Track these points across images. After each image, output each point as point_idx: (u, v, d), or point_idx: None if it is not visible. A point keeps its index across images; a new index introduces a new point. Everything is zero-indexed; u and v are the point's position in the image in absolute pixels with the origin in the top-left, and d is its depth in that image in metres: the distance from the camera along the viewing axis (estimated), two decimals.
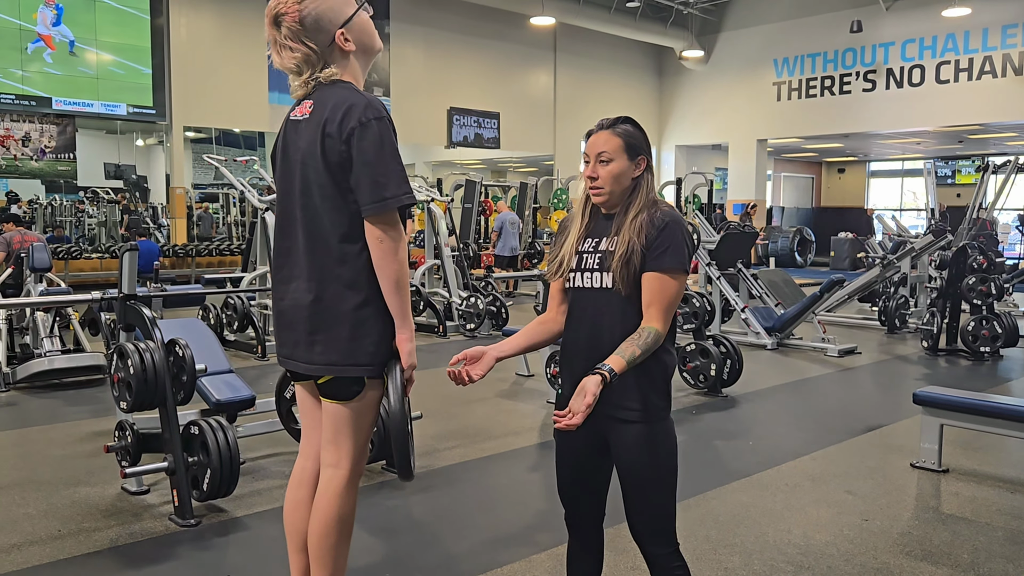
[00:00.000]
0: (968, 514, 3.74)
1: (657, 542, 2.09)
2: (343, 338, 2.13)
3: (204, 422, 3.57)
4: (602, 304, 2.04)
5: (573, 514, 2.22)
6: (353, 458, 2.23)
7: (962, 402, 4.24)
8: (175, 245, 13.51)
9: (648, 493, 2.06)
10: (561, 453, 2.19)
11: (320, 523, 2.22)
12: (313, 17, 2.12)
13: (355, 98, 2.10)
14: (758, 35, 18.72)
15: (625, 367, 1.91)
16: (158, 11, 13.45)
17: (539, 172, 18.74)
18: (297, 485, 2.33)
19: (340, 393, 2.19)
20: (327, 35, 2.14)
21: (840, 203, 25.51)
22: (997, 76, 15.57)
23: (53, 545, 3.25)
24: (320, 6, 2.12)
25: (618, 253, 2.01)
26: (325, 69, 2.15)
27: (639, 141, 2.08)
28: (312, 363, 2.17)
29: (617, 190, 2.06)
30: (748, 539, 3.39)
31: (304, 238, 2.18)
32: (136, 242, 9.80)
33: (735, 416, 5.59)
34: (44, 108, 12.75)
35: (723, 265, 8.39)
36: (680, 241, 2.00)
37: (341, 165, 2.08)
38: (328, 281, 2.14)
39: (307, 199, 2.16)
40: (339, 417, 2.21)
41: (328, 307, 2.14)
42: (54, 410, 5.54)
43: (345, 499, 2.22)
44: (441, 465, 4.34)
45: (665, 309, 1.98)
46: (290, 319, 2.21)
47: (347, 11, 2.16)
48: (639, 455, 2.03)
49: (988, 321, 7.67)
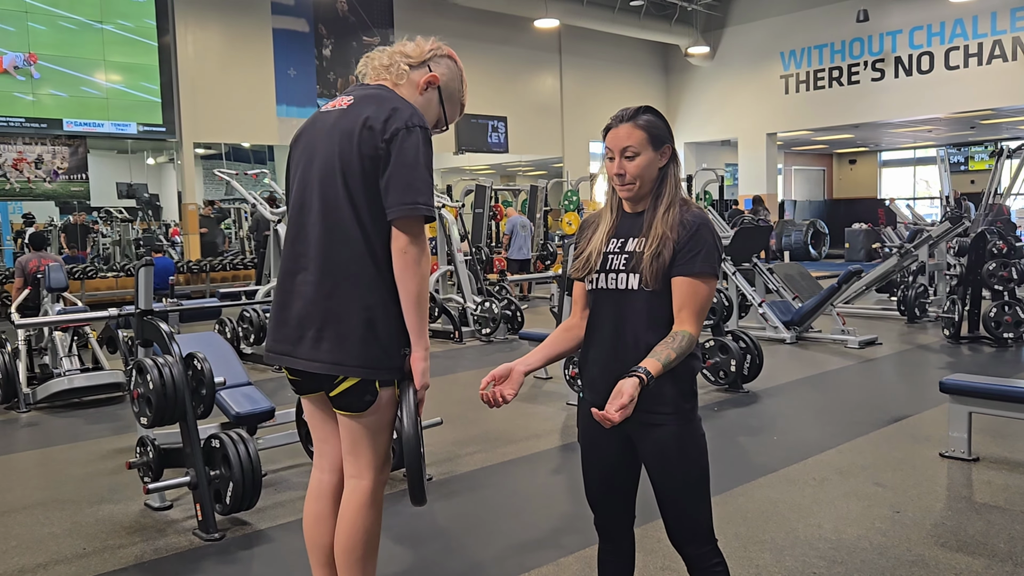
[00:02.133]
0: (1002, 503, 3.67)
1: (692, 542, 2.05)
2: (354, 339, 2.06)
3: (225, 435, 3.56)
4: (626, 306, 1.99)
5: (603, 518, 2.18)
6: (375, 467, 2.18)
7: (990, 389, 4.17)
8: (189, 261, 13.56)
9: (682, 495, 2.02)
10: (587, 458, 2.15)
11: (346, 537, 2.16)
12: (438, 74, 2.25)
13: (402, 103, 2.10)
14: (764, 28, 18.63)
15: (661, 370, 1.87)
16: (164, 29, 13.53)
17: (549, 175, 18.71)
18: (315, 498, 2.28)
19: (353, 404, 2.12)
20: (425, 80, 2.22)
21: (853, 194, 25.33)
22: (1008, 60, 15.42)
23: (79, 563, 3.24)
24: (447, 76, 2.27)
25: (651, 246, 1.96)
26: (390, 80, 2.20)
27: (662, 130, 2.02)
28: (317, 360, 2.08)
29: (646, 183, 2.01)
30: (778, 535, 3.33)
31: (320, 230, 2.11)
32: (151, 258, 9.84)
33: (758, 411, 5.53)
34: (55, 130, 12.84)
35: (738, 260, 8.33)
36: (712, 245, 1.97)
37: (374, 160, 2.04)
38: (342, 278, 2.07)
39: (329, 189, 2.09)
40: (354, 428, 2.15)
41: (340, 304, 2.07)
42: (75, 429, 5.55)
43: (370, 511, 2.17)
44: (463, 471, 4.31)
45: (698, 313, 1.95)
46: (294, 314, 2.12)
47: (456, 92, 2.30)
48: (670, 458, 1.99)
49: (1010, 306, 7.57)
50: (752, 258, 8.59)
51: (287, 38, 14.75)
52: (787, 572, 3.00)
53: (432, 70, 2.23)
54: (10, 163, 12.70)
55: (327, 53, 15.22)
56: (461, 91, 2.32)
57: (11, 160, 12.70)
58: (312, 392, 2.21)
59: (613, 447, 2.08)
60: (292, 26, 14.81)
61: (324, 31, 15.16)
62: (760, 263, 8.78)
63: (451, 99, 2.29)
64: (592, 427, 2.09)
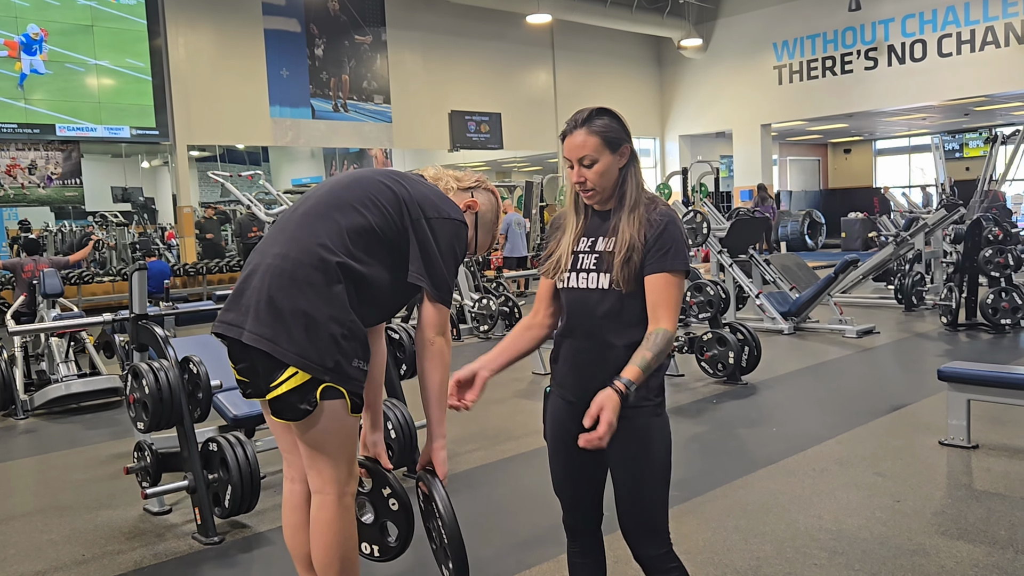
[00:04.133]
0: (1002, 489, 3.66)
1: (649, 542, 2.04)
2: (298, 327, 2.02)
3: (222, 438, 3.54)
4: (597, 305, 1.99)
5: (571, 515, 2.18)
6: (337, 480, 2.14)
7: (989, 376, 4.16)
8: (186, 264, 13.54)
9: (641, 489, 2.01)
10: (554, 452, 2.15)
11: (321, 554, 2.15)
12: (479, 201, 2.36)
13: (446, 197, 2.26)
14: (756, 19, 18.60)
15: (641, 375, 1.88)
16: (156, 32, 13.48)
17: (544, 170, 18.69)
18: (291, 509, 2.28)
19: (286, 412, 2.06)
20: (466, 203, 2.32)
21: (848, 184, 25.32)
22: (1000, 46, 15.40)
23: (78, 570, 3.23)
24: (485, 207, 2.38)
25: (619, 252, 1.96)
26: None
27: (617, 132, 1.99)
28: (256, 334, 2.02)
29: (608, 186, 2.00)
30: (779, 527, 3.33)
31: (308, 209, 2.15)
32: (145, 262, 9.80)
33: (756, 403, 5.53)
34: (48, 135, 12.80)
35: (735, 252, 8.33)
36: (680, 241, 1.98)
37: (400, 220, 2.15)
38: (302, 280, 2.05)
39: (345, 191, 2.18)
40: (303, 442, 2.11)
41: (296, 288, 2.04)
42: (73, 435, 5.54)
43: (340, 524, 2.14)
44: (463, 469, 4.30)
45: (672, 309, 1.96)
46: (251, 284, 2.09)
47: (491, 223, 2.42)
48: (633, 450, 1.99)
49: (1007, 293, 7.58)
50: (749, 250, 8.58)
51: (279, 38, 14.71)
52: (788, 563, 2.99)
53: (474, 196, 2.35)
54: (3, 169, 12.67)
55: (319, 53, 15.19)
56: (495, 223, 2.43)
57: (4, 166, 12.66)
58: (258, 396, 2.15)
59: (577, 437, 2.08)
60: (284, 26, 14.77)
61: (316, 31, 15.12)
62: (757, 255, 8.78)
63: (485, 227, 2.39)
64: (558, 421, 2.11)
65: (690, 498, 3.63)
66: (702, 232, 8.02)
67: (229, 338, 2.11)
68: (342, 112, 15.50)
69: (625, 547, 2.07)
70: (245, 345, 2.07)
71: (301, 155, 21.14)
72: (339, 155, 20.72)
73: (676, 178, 17.24)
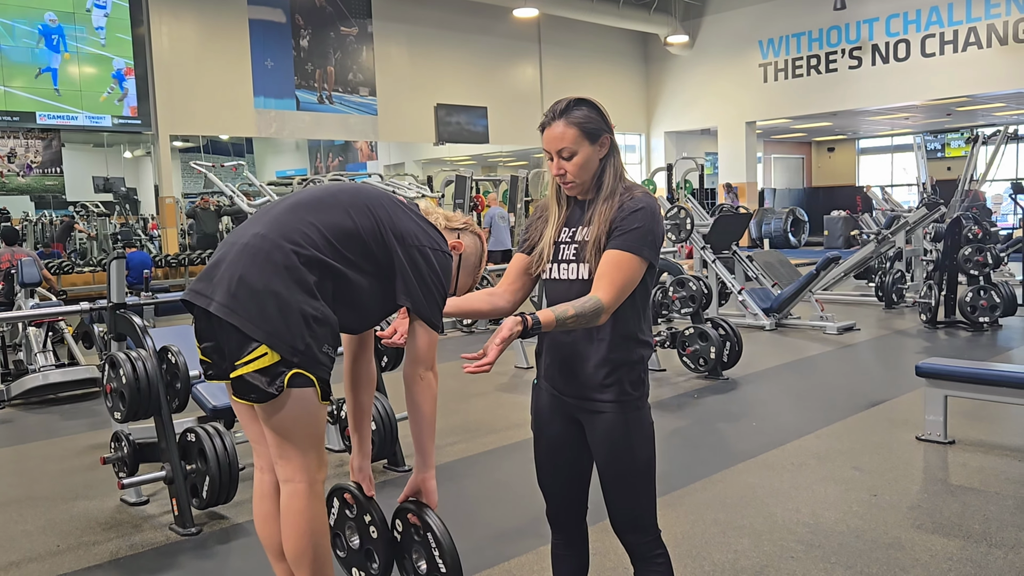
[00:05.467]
0: (977, 484, 3.70)
1: (637, 531, 2.05)
2: (270, 306, 1.98)
3: (201, 429, 3.52)
4: (578, 295, 1.95)
5: (554, 507, 2.17)
6: (306, 469, 2.11)
7: (965, 372, 4.21)
8: (167, 255, 13.42)
9: (626, 483, 2.02)
10: (539, 444, 2.15)
11: (293, 544, 2.13)
12: (464, 243, 2.36)
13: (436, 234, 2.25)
14: (742, 17, 18.65)
15: (552, 322, 1.82)
16: (139, 21, 13.33)
17: (529, 165, 18.67)
18: (260, 498, 2.26)
19: (250, 392, 2.02)
20: (452, 243, 2.29)
21: (831, 182, 25.48)
22: (982, 47, 15.52)
23: (52, 561, 3.20)
24: (469, 250, 2.37)
25: (592, 240, 1.95)
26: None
27: (596, 122, 1.96)
28: (225, 306, 1.98)
29: (588, 177, 1.99)
30: (757, 520, 3.35)
31: (299, 200, 2.16)
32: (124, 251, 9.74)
33: (737, 398, 5.55)
34: (28, 123, 12.64)
35: (718, 248, 8.36)
36: (647, 229, 1.92)
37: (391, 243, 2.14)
38: (287, 251, 2.02)
39: (341, 193, 2.18)
40: (274, 428, 2.08)
41: (272, 268, 2.00)
42: (50, 425, 5.49)
43: (311, 513, 2.12)
44: (444, 461, 4.30)
45: (616, 284, 1.88)
46: (226, 259, 2.06)
47: (473, 267, 2.39)
48: (616, 445, 1.99)
49: (986, 291, 7.65)
50: (732, 246, 8.62)
51: (264, 29, 14.59)
52: (765, 557, 3.01)
53: (460, 238, 2.34)
54: None
55: (305, 44, 15.08)
56: (478, 268, 2.41)
57: None
58: (220, 378, 2.11)
59: (563, 433, 2.08)
60: (269, 16, 14.64)
61: (301, 21, 15.01)
62: (739, 251, 8.82)
63: (467, 270, 2.37)
64: (543, 414, 2.11)
65: (670, 491, 3.65)
66: (686, 228, 8.05)
67: (197, 313, 2.07)
68: (327, 104, 15.41)
69: (607, 539, 2.08)
70: (213, 322, 2.03)
71: (286, 147, 21.01)
72: (324, 147, 20.61)
73: (661, 174, 17.28)
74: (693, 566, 2.95)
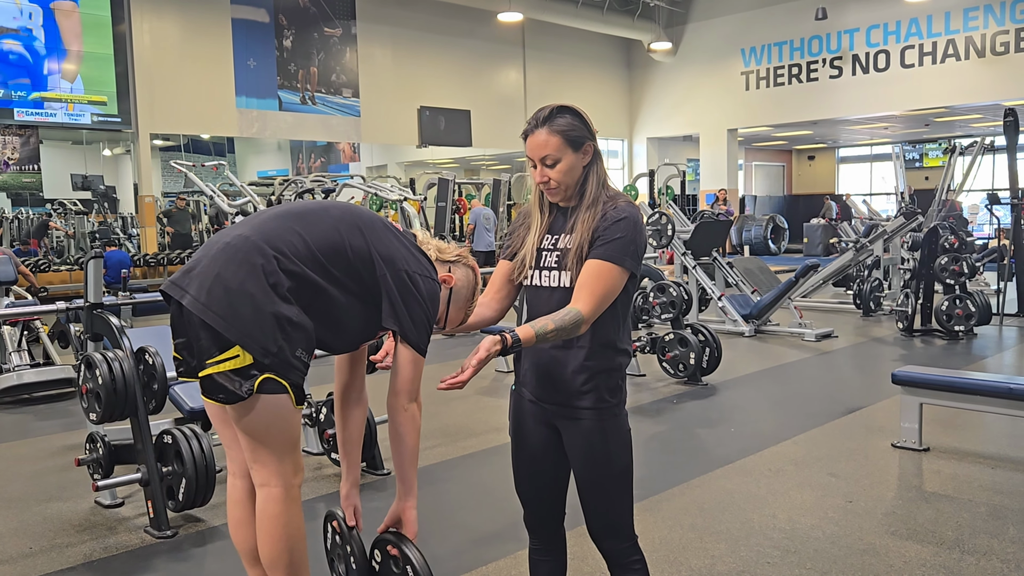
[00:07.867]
0: (951, 491, 3.75)
1: (614, 538, 2.06)
2: (244, 306, 1.96)
3: (178, 431, 3.48)
4: (559, 303, 1.95)
5: (532, 513, 2.17)
6: (282, 474, 2.09)
7: (940, 380, 4.26)
8: (146, 254, 13.30)
9: (603, 490, 2.02)
10: (517, 450, 2.14)
11: (269, 550, 2.11)
12: (455, 277, 2.27)
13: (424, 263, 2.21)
14: (725, 25, 18.79)
15: (532, 338, 1.82)
16: (119, 17, 13.21)
17: (512, 169, 18.69)
18: (234, 504, 2.25)
19: (219, 392, 1.99)
20: (442, 277, 2.24)
21: (811, 190, 25.70)
22: (961, 59, 15.73)
23: (24, 563, 3.16)
24: (461, 283, 2.27)
25: (573, 248, 1.95)
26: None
27: (580, 130, 1.96)
28: (199, 302, 1.96)
29: (571, 184, 1.99)
30: (734, 525, 3.37)
31: (290, 210, 2.15)
32: (102, 250, 9.62)
33: (716, 403, 5.58)
34: (5, 119, 12.49)
35: (698, 254, 8.40)
36: (630, 239, 1.92)
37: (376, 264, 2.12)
38: (267, 256, 2.00)
39: (335, 209, 2.17)
40: (247, 432, 2.06)
41: (249, 268, 1.98)
42: (24, 425, 5.42)
43: (287, 518, 2.10)
44: (423, 465, 4.28)
45: (597, 295, 1.88)
46: (207, 255, 2.04)
47: (464, 300, 2.28)
48: (593, 452, 2.00)
49: (961, 300, 7.75)
50: (712, 252, 8.67)
51: (247, 28, 14.52)
52: (742, 562, 3.03)
53: (452, 271, 2.27)
54: None
55: (288, 44, 15.02)
56: (470, 301, 2.30)
57: None
58: (190, 376, 2.08)
59: (541, 439, 2.08)
60: (252, 16, 14.57)
61: (285, 21, 14.95)
62: (720, 257, 8.87)
63: (457, 304, 2.28)
64: (521, 420, 2.11)
65: (647, 496, 3.66)
66: (667, 234, 8.09)
67: (172, 307, 2.05)
68: (310, 105, 15.35)
69: (585, 544, 2.09)
70: (185, 316, 2.01)
71: (267, 147, 20.90)
72: (306, 148, 20.53)
73: (643, 180, 17.37)
74: (670, 571, 2.96)
